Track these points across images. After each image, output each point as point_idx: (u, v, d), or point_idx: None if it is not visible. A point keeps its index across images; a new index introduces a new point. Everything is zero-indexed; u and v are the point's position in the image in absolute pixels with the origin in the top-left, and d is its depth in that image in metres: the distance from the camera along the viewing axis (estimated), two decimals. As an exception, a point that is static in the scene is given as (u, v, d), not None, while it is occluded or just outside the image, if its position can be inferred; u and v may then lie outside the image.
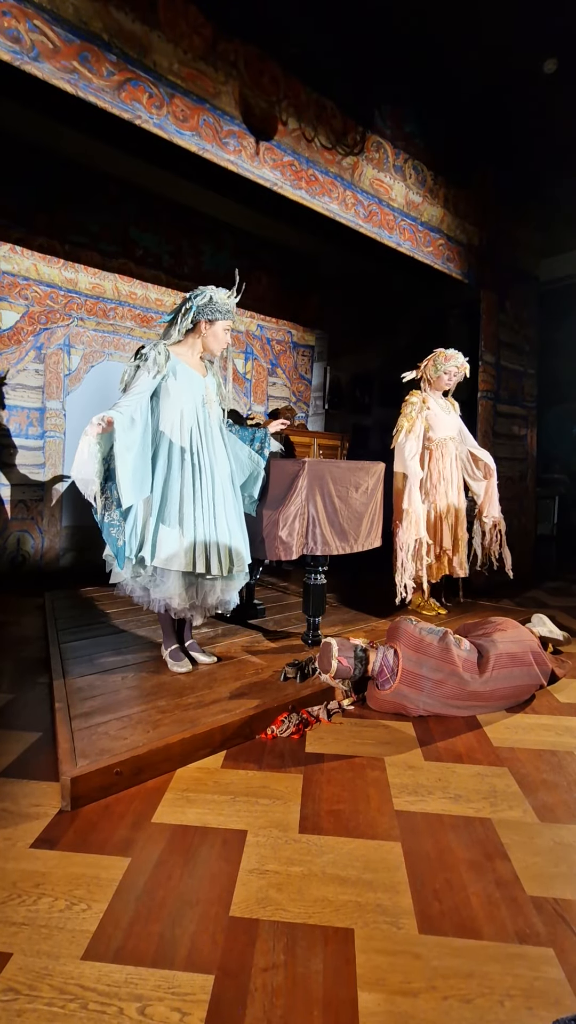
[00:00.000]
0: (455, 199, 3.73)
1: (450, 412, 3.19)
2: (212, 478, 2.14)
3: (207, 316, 2.14)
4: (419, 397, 3.16)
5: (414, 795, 1.49)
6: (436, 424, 3.16)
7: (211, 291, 2.15)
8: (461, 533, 3.14)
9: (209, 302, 2.13)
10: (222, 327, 2.19)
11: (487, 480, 3.24)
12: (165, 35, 2.24)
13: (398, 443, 3.10)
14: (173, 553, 1.99)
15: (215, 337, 2.20)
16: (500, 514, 3.25)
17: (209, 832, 1.33)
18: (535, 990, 0.92)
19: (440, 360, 3.12)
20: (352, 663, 1.95)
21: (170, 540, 2.00)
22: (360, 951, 0.99)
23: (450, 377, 3.12)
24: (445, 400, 3.23)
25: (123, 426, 1.94)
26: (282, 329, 5.47)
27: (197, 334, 2.18)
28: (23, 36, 1.90)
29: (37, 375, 4.06)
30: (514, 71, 3.31)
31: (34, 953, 0.98)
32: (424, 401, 3.15)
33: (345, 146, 2.98)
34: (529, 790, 1.52)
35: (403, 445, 3.07)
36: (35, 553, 4.06)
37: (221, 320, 2.17)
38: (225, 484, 2.21)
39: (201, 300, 2.13)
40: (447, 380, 3.13)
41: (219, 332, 2.19)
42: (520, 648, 2.10)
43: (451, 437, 3.17)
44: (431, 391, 3.19)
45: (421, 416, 3.13)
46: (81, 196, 4.08)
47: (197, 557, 2.03)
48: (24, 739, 1.76)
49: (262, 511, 2.44)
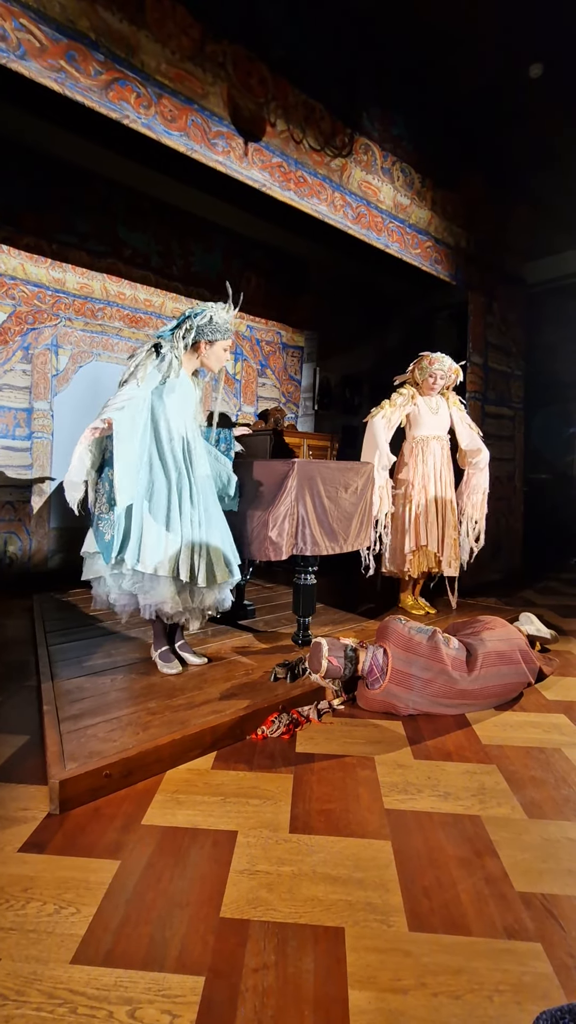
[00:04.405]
0: (443, 201, 3.76)
1: (437, 412, 3.19)
2: (197, 486, 2.14)
3: (207, 336, 2.15)
4: (410, 391, 3.17)
5: (404, 794, 1.50)
6: (419, 422, 3.18)
7: (211, 311, 2.14)
8: (448, 532, 3.14)
9: (209, 322, 2.13)
10: (222, 347, 2.21)
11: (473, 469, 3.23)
12: (153, 35, 2.24)
13: (372, 420, 3.09)
14: (159, 560, 1.97)
15: (215, 357, 2.21)
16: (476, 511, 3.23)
17: (199, 833, 1.32)
18: (524, 985, 0.93)
19: (425, 364, 3.12)
20: (342, 663, 1.96)
21: (157, 545, 1.98)
22: (351, 950, 1.00)
23: (436, 380, 3.12)
24: (438, 399, 3.21)
25: (123, 425, 1.94)
26: (272, 330, 5.47)
27: (197, 352, 2.19)
28: (9, 34, 1.89)
29: (24, 375, 4.02)
30: (501, 74, 3.34)
31: (22, 958, 0.98)
32: (413, 397, 3.17)
33: (333, 148, 3.00)
34: (517, 787, 1.54)
35: (375, 423, 3.07)
36: (23, 555, 4.02)
37: (221, 340, 2.18)
38: (209, 492, 2.21)
39: (201, 320, 2.12)
40: (434, 383, 3.13)
41: (219, 352, 2.21)
42: (508, 646, 2.12)
43: (436, 437, 3.18)
44: (421, 393, 3.20)
45: (403, 409, 3.14)
46: (69, 195, 4.05)
47: (182, 563, 2.01)
48: (12, 742, 1.74)
49: (252, 511, 2.44)
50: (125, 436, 1.97)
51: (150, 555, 1.96)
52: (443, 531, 3.14)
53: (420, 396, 3.19)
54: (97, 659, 2.31)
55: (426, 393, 3.18)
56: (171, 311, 4.71)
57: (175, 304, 4.71)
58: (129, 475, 1.95)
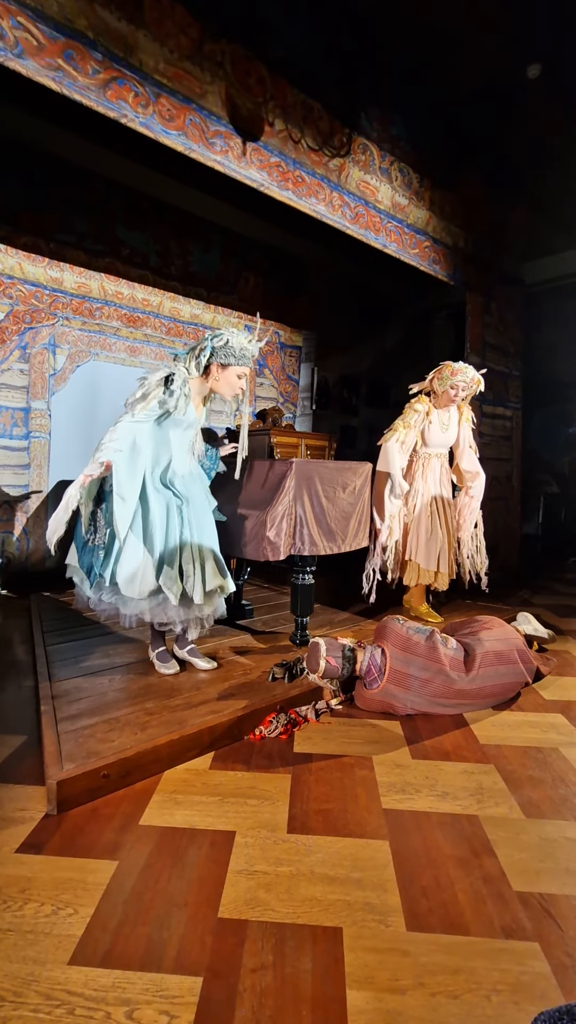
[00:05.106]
0: (441, 202, 3.77)
1: (447, 428, 3.06)
2: (191, 506, 2.10)
3: (220, 359, 2.05)
4: (425, 406, 3.02)
5: (402, 793, 1.50)
6: (430, 439, 3.06)
7: (229, 334, 2.06)
8: (446, 551, 3.03)
9: (225, 345, 2.04)
10: (235, 373, 2.09)
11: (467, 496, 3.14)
12: (151, 34, 2.23)
13: (387, 444, 2.98)
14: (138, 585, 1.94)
15: (227, 383, 2.10)
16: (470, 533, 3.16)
17: (197, 834, 1.32)
18: (521, 984, 0.93)
19: (446, 374, 2.94)
20: (340, 663, 1.96)
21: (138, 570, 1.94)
22: (349, 950, 1.00)
23: (457, 392, 2.95)
24: (451, 413, 3.07)
25: (122, 470, 1.90)
26: (270, 330, 5.47)
27: (208, 376, 2.10)
28: (6, 33, 1.89)
29: (22, 375, 4.01)
30: (500, 74, 3.35)
31: (20, 959, 0.97)
32: (428, 414, 3.02)
33: (332, 148, 3.00)
34: (515, 787, 1.54)
35: (390, 449, 2.95)
36: (20, 555, 4.02)
37: (235, 366, 2.08)
38: (203, 511, 2.16)
39: (218, 342, 2.04)
40: (454, 395, 2.96)
41: (231, 378, 2.09)
42: (506, 646, 2.12)
43: (438, 454, 3.09)
44: (437, 405, 3.05)
45: (418, 429, 3.01)
46: (67, 194, 4.04)
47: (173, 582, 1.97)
48: (9, 743, 1.74)
49: (250, 511, 2.44)
50: (125, 480, 1.92)
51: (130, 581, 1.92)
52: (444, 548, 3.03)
53: (435, 409, 3.04)
54: (95, 659, 2.31)
55: (443, 405, 3.03)
56: (169, 311, 4.70)
57: (173, 304, 4.71)
58: (129, 513, 1.92)
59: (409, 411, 3.03)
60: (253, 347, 2.11)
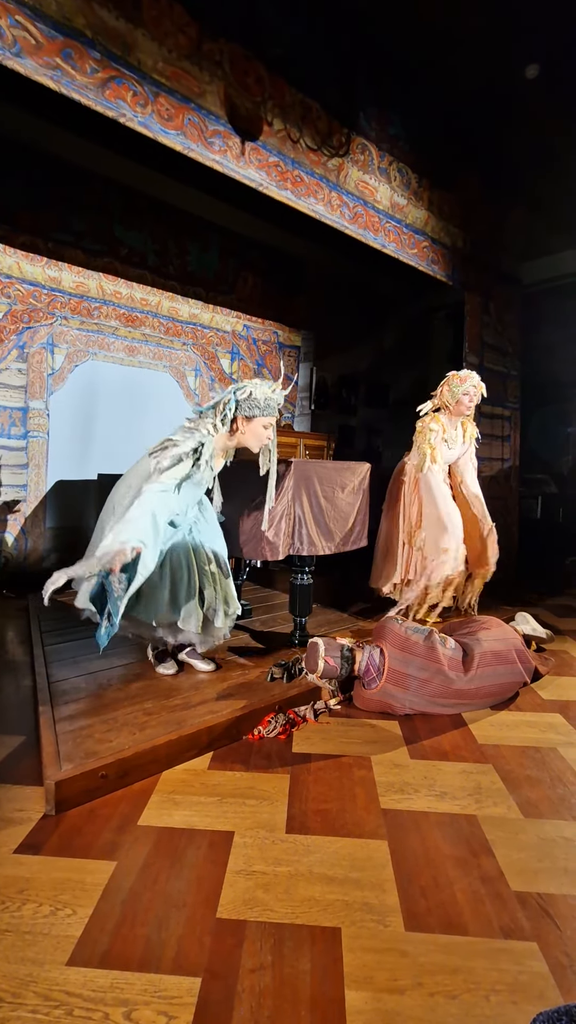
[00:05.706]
0: (439, 202, 3.77)
1: (455, 444, 3.03)
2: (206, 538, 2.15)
3: (244, 412, 2.01)
4: (440, 424, 2.98)
5: (400, 793, 1.50)
6: (439, 457, 3.02)
7: (252, 385, 2.02)
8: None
9: (249, 397, 2.00)
10: (261, 424, 2.05)
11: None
12: (150, 33, 2.23)
13: (424, 476, 2.91)
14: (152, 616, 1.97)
15: (253, 434, 2.06)
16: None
17: (196, 834, 1.32)
18: (520, 984, 0.93)
19: (455, 383, 2.94)
20: (339, 663, 1.96)
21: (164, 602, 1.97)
22: (347, 950, 1.00)
23: (470, 399, 2.94)
24: (458, 428, 3.04)
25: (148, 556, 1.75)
26: (268, 329, 5.46)
27: (233, 430, 2.06)
28: (4, 31, 1.88)
29: (20, 374, 4.00)
30: (498, 75, 3.35)
31: (18, 960, 0.97)
32: (444, 431, 2.98)
33: (330, 147, 2.99)
34: (513, 787, 1.54)
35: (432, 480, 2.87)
36: (18, 554, 4.01)
37: (260, 417, 2.04)
38: (216, 540, 2.21)
39: (241, 394, 2.00)
40: (468, 403, 2.94)
41: (257, 429, 2.06)
42: (504, 646, 2.12)
43: (441, 468, 3.04)
44: (449, 418, 3.01)
45: (442, 445, 2.96)
46: (65, 194, 4.02)
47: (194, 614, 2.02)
48: (7, 743, 1.73)
49: (248, 511, 2.43)
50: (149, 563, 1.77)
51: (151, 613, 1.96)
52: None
53: (448, 425, 2.99)
54: (93, 659, 2.30)
55: (454, 415, 3.01)
56: (167, 310, 4.70)
57: (171, 303, 4.70)
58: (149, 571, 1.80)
59: (427, 432, 2.98)
60: (278, 396, 2.07)
